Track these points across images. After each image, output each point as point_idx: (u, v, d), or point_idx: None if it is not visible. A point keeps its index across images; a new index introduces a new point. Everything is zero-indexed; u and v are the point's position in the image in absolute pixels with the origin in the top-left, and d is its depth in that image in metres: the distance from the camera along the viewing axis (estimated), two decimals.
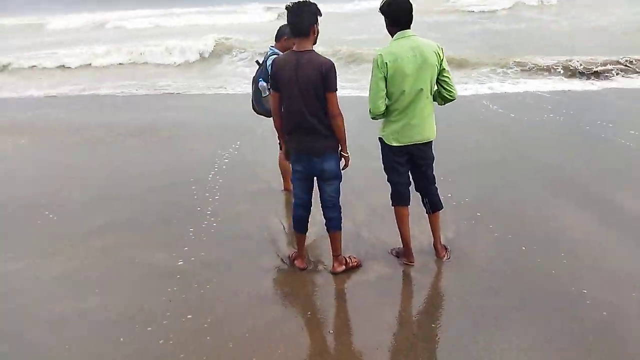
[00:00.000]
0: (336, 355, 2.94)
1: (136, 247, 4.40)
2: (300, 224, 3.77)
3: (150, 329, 3.22)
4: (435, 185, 3.77)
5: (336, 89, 3.36)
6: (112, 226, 4.85)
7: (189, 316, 3.34)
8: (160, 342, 3.09)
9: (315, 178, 3.64)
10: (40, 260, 4.25)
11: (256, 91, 5.08)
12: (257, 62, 5.17)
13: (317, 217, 3.93)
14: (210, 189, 5.67)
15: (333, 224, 3.66)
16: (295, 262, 3.87)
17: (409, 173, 3.71)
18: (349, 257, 3.82)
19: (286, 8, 3.37)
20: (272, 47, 5.02)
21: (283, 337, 3.09)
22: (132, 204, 5.40)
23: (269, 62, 4.91)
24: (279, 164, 5.41)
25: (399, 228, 3.77)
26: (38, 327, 3.29)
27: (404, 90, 3.38)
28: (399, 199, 3.70)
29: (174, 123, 9.02)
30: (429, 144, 3.62)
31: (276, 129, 3.65)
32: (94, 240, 4.57)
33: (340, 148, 3.53)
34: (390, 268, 3.81)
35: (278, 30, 5.00)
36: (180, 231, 4.65)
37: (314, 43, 3.41)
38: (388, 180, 3.74)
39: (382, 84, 3.37)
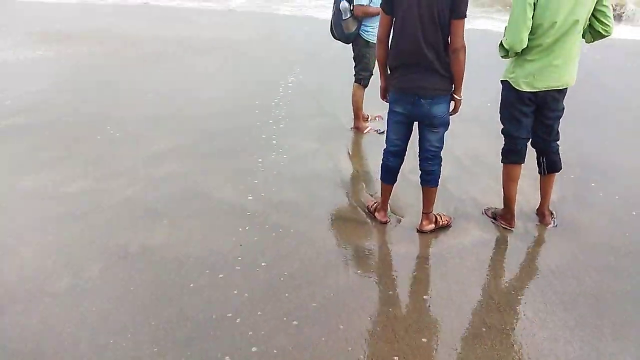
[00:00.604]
0: (433, 329, 2.44)
1: (202, 176, 3.92)
2: (389, 174, 3.18)
3: (221, 276, 2.78)
4: (558, 142, 3.08)
5: (466, 15, 2.62)
6: (175, 150, 4.36)
7: (263, 264, 2.88)
8: (234, 292, 2.65)
9: (416, 123, 3.00)
10: (101, 182, 3.82)
11: (337, 12, 4.33)
12: None
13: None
14: (274, 117, 5.12)
15: (431, 178, 3.05)
16: (377, 214, 3.32)
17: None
18: (439, 214, 3.24)
19: None
20: None
21: (370, 302, 2.60)
22: (196, 126, 4.89)
23: None
24: (352, 99, 4.74)
25: (504, 187, 3.14)
26: (100, 261, 2.88)
27: (556, 22, 2.61)
28: (515, 156, 3.03)
29: (238, 41, 8.38)
30: (564, 92, 2.89)
31: (378, 60, 2.96)
32: (157, 165, 4.10)
33: (453, 89, 2.85)
34: (485, 231, 3.22)
35: None
36: (247, 162, 4.15)
37: None
38: (503, 132, 3.05)
39: (530, 12, 2.61)
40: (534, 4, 2.59)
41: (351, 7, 4.22)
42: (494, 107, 3.19)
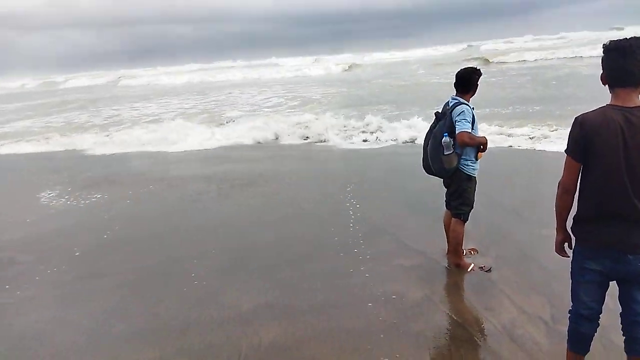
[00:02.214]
0: None
1: (312, 343, 3.17)
2: (582, 344, 2.46)
3: None
4: None
5: None
6: (267, 310, 3.64)
7: None
8: None
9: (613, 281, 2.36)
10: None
11: (436, 147, 3.89)
12: (437, 114, 4.02)
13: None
14: (362, 259, 4.40)
15: None
16: None
17: None
18: None
19: (608, 48, 2.19)
20: (456, 97, 3.90)
21: None
22: (279, 277, 4.20)
23: (456, 116, 3.79)
24: (451, 235, 4.14)
25: None
26: None
27: None
28: None
29: (280, 174, 7.93)
30: None
31: (560, 211, 2.40)
32: (253, 330, 3.34)
33: None
34: None
35: (466, 79, 3.88)
36: (359, 319, 3.42)
37: None
38: None
39: None
40: None
41: (452, 142, 3.80)
42: None
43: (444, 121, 3.87)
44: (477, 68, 3.98)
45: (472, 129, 3.79)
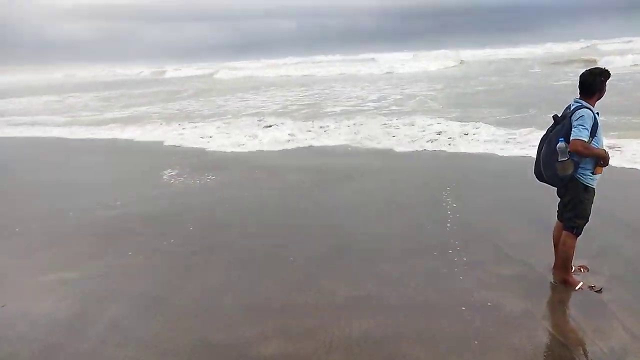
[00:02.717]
0: None
1: (409, 340, 3.18)
2: None
3: None
4: None
5: None
6: (369, 301, 3.71)
7: None
8: None
9: None
10: (296, 342, 3.22)
11: (550, 153, 3.64)
12: (555, 117, 3.77)
13: None
14: (458, 263, 4.30)
15: None
16: None
17: None
18: None
19: None
20: (579, 99, 3.64)
21: None
22: (380, 270, 4.25)
23: (574, 120, 3.53)
24: (562, 248, 3.85)
25: None
26: None
27: None
28: None
29: (367, 169, 7.98)
30: None
31: None
32: (351, 316, 3.45)
33: None
34: None
35: (589, 83, 3.59)
36: (458, 325, 3.36)
37: None
38: None
39: None
40: None
41: (568, 149, 3.55)
42: None
43: (561, 125, 3.61)
44: (605, 69, 3.66)
45: (594, 137, 3.52)
